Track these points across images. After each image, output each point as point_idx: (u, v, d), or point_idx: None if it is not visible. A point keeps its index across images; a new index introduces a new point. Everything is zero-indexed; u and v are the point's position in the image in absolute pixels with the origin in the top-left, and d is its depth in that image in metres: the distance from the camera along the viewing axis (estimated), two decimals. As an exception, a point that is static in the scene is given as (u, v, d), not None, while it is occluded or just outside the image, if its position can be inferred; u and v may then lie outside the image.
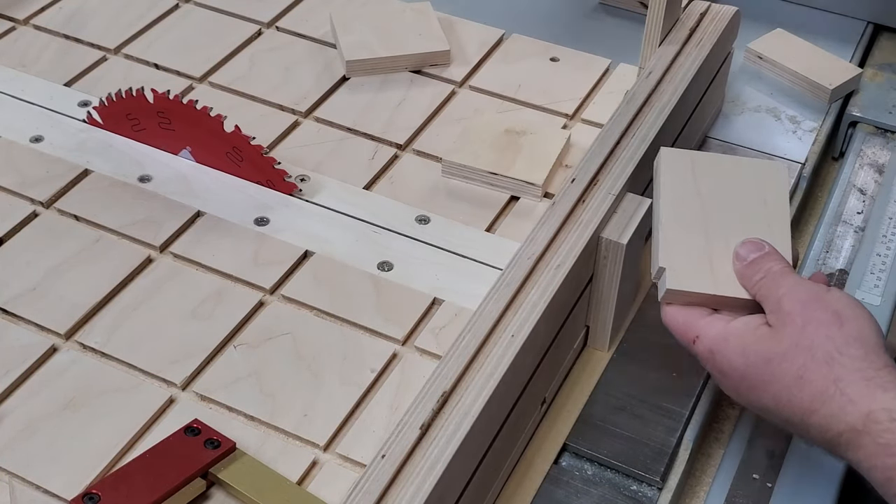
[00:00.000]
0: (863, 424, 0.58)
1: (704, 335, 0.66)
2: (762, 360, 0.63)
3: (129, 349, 0.74)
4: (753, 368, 0.63)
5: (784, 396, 0.61)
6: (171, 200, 0.84)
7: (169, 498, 0.64)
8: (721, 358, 0.65)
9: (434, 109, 0.95)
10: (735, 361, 0.64)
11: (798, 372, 0.61)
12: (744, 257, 0.67)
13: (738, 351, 0.64)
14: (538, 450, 0.72)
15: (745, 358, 0.64)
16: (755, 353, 0.63)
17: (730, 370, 0.65)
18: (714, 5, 0.93)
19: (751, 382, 0.63)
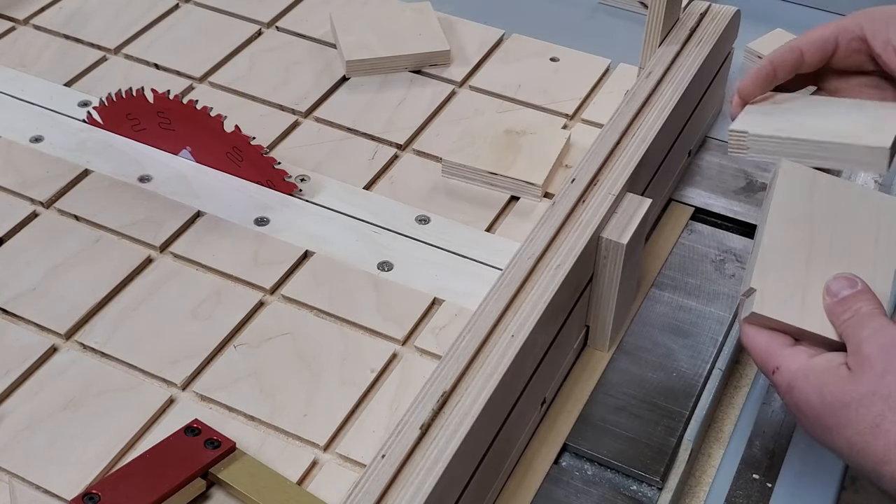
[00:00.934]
0: None
1: (786, 368, 0.63)
2: (839, 402, 0.60)
3: (129, 349, 0.74)
4: (829, 410, 0.60)
5: (858, 443, 0.59)
6: (171, 200, 0.84)
7: (169, 498, 0.64)
8: (799, 394, 0.62)
9: (434, 109, 0.95)
10: (812, 400, 0.61)
11: (875, 420, 0.59)
12: (835, 293, 0.64)
13: (817, 389, 0.61)
14: (538, 450, 0.72)
15: (821, 398, 0.61)
16: (832, 394, 0.60)
17: (806, 408, 0.62)
18: (714, 5, 0.93)
19: (825, 424, 0.61)
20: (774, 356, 0.64)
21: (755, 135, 0.71)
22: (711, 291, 0.83)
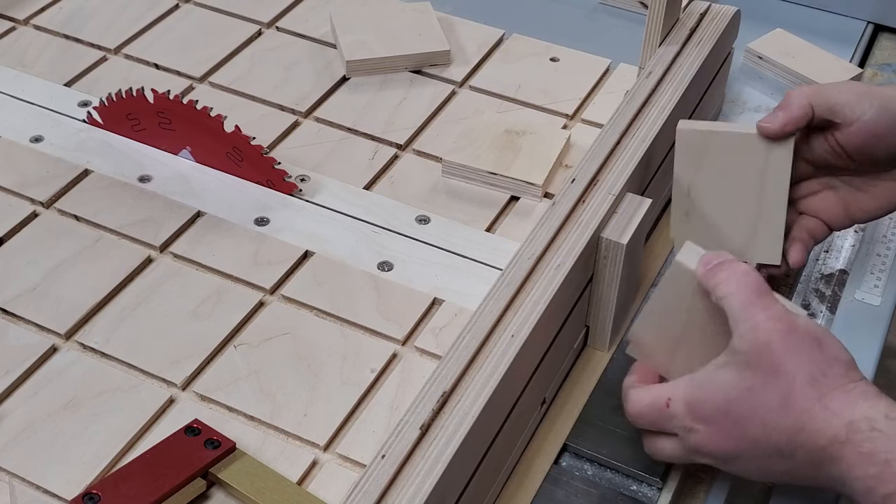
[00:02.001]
0: (845, 435, 0.59)
1: (675, 394, 0.65)
2: (745, 390, 0.62)
3: (129, 349, 0.74)
4: (736, 401, 0.62)
5: (770, 421, 0.61)
6: (171, 200, 0.84)
7: (169, 498, 0.64)
8: (700, 405, 0.63)
9: (434, 109, 0.95)
10: (716, 401, 0.63)
11: (782, 396, 0.61)
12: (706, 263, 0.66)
13: (717, 390, 0.63)
14: (538, 450, 0.72)
15: (725, 394, 0.62)
16: (735, 386, 0.62)
17: (713, 413, 0.63)
18: (714, 5, 0.93)
19: (736, 416, 0.62)
20: (660, 395, 0.66)
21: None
22: (711, 291, 0.82)
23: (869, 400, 0.60)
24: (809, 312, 0.83)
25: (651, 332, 0.70)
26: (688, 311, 0.68)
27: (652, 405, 0.66)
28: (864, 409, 0.59)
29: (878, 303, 0.83)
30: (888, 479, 0.57)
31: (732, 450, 0.63)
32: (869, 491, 0.58)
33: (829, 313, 0.83)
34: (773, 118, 0.74)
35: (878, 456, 0.57)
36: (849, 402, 0.60)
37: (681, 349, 0.68)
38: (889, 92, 0.75)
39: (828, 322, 0.82)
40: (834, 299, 0.84)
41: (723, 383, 0.63)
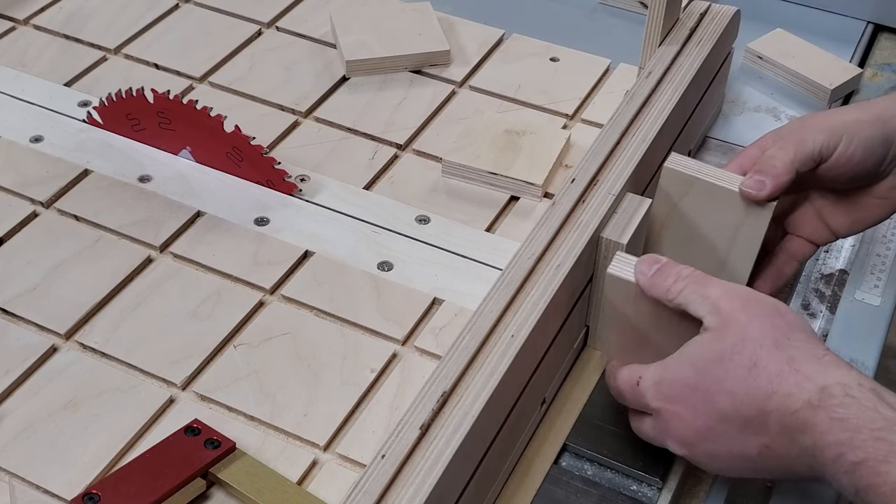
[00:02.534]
0: (818, 399, 0.58)
1: (645, 373, 0.65)
2: (712, 361, 0.62)
3: (129, 349, 0.74)
4: (704, 373, 0.62)
5: (740, 389, 0.61)
6: (171, 200, 0.84)
7: (169, 498, 0.64)
8: (667, 384, 0.64)
9: (434, 109, 0.95)
10: (684, 376, 0.63)
11: (750, 361, 0.61)
12: (645, 272, 0.67)
13: (685, 365, 0.63)
14: (538, 450, 0.72)
15: (693, 367, 0.63)
16: (702, 357, 0.62)
17: (681, 389, 0.63)
18: (714, 5, 0.93)
19: (705, 390, 0.62)
20: (633, 372, 0.66)
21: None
22: (711, 291, 0.82)
23: (841, 368, 0.59)
24: (809, 312, 0.83)
25: (613, 335, 0.72)
26: (635, 316, 0.70)
27: (626, 382, 0.67)
28: (836, 375, 0.59)
29: (878, 303, 0.83)
30: (858, 445, 0.56)
31: (701, 428, 0.63)
32: (839, 458, 0.57)
33: (829, 313, 0.83)
34: (758, 185, 0.72)
35: (851, 422, 0.57)
36: (821, 369, 0.59)
37: (645, 348, 0.69)
38: (856, 118, 0.74)
39: (828, 322, 0.82)
40: (834, 299, 0.84)
41: (690, 358, 0.63)
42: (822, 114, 0.77)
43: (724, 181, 0.74)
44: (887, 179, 0.77)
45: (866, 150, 0.74)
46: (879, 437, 0.56)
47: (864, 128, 0.74)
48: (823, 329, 0.82)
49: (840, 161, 0.74)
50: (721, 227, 0.76)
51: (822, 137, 0.73)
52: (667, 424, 0.64)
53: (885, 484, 0.55)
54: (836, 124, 0.74)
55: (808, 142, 0.73)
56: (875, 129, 0.74)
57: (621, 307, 0.70)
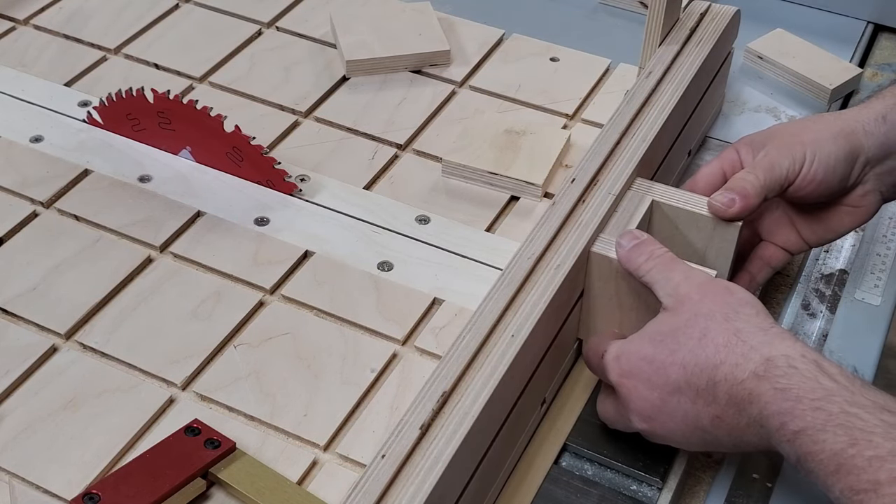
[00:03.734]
0: (763, 370, 0.60)
1: (609, 348, 0.68)
2: (667, 334, 0.64)
3: (129, 349, 0.74)
4: (660, 346, 0.64)
5: (690, 360, 0.63)
6: (171, 200, 0.84)
7: (169, 498, 0.64)
8: (626, 356, 0.66)
9: (434, 109, 0.95)
10: (642, 350, 0.65)
11: (700, 332, 0.63)
12: (624, 245, 0.70)
13: (644, 340, 0.66)
14: (538, 450, 0.72)
15: (651, 342, 0.65)
16: (658, 332, 0.65)
17: (638, 362, 0.65)
18: (714, 5, 0.93)
19: (660, 363, 0.64)
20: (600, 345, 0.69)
21: None
22: (711, 291, 0.82)
23: (786, 341, 0.61)
24: (809, 312, 0.83)
25: (597, 319, 0.74)
26: (617, 295, 0.73)
27: (593, 353, 0.70)
28: (781, 347, 0.61)
29: (878, 303, 0.83)
30: (798, 415, 0.58)
31: (657, 401, 0.64)
32: (782, 427, 0.58)
33: (829, 313, 0.83)
34: (728, 202, 0.73)
35: (792, 392, 0.58)
36: (766, 341, 0.61)
37: (627, 330, 0.71)
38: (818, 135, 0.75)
39: (828, 322, 0.82)
40: (834, 299, 0.84)
41: (647, 333, 0.66)
42: (792, 129, 0.78)
43: (694, 203, 0.76)
44: (858, 188, 0.78)
45: (827, 169, 0.75)
46: (818, 408, 0.57)
47: (825, 146, 0.75)
48: (823, 329, 0.82)
49: (803, 183, 0.76)
50: (691, 246, 0.77)
51: (787, 162, 0.75)
52: (626, 399, 0.66)
53: (823, 452, 0.57)
54: (801, 143, 0.75)
55: (776, 167, 0.75)
56: (837, 145, 0.75)
57: (605, 287, 0.73)
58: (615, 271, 0.72)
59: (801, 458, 0.58)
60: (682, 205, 0.76)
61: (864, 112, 0.77)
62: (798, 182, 0.75)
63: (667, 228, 0.77)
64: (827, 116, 0.78)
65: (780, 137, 0.77)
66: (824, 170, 0.75)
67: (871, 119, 0.77)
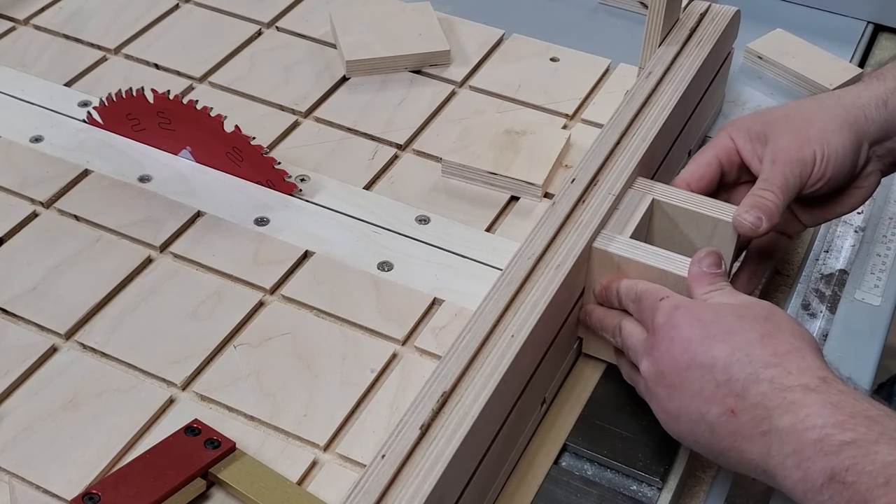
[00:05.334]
0: (816, 385, 0.59)
1: (673, 296, 0.67)
2: (731, 315, 0.63)
3: (129, 349, 0.74)
4: (719, 321, 0.63)
5: (743, 348, 0.61)
6: (171, 200, 0.84)
7: (169, 498, 0.64)
8: (686, 311, 0.64)
9: (434, 109, 0.95)
10: (704, 314, 0.64)
11: (765, 332, 0.62)
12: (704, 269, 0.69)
13: (708, 308, 0.64)
14: (538, 450, 0.72)
15: (714, 313, 0.64)
16: (726, 307, 0.64)
17: (690, 322, 0.63)
18: (714, 5, 0.93)
19: (710, 335, 0.62)
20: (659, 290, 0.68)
21: None
22: (711, 291, 0.82)
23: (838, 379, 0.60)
24: (809, 312, 0.83)
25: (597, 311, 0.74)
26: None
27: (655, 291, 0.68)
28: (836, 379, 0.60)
29: (878, 303, 0.83)
30: (850, 427, 0.56)
31: (682, 362, 0.63)
32: (821, 440, 0.56)
33: (829, 313, 0.83)
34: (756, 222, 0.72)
35: (845, 408, 0.57)
36: (824, 366, 0.61)
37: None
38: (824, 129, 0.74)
39: (828, 322, 0.82)
40: (834, 299, 0.84)
41: (714, 306, 0.65)
42: (794, 121, 0.76)
43: (699, 204, 0.76)
44: (861, 171, 0.77)
45: (836, 164, 0.75)
46: (873, 421, 0.56)
47: (832, 140, 0.74)
48: (823, 329, 0.82)
49: (814, 181, 0.75)
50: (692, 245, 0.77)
51: (799, 170, 0.74)
52: (655, 343, 0.65)
53: (873, 463, 0.55)
54: (808, 141, 0.74)
55: (790, 179, 0.74)
56: (843, 136, 0.75)
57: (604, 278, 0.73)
58: (617, 267, 0.72)
59: (839, 473, 0.55)
60: (683, 204, 0.76)
61: (864, 95, 0.77)
62: (809, 182, 0.75)
63: (667, 227, 0.77)
64: (827, 102, 0.77)
65: (782, 132, 0.75)
66: (834, 165, 0.74)
67: (872, 104, 0.76)
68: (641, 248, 0.72)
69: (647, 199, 0.76)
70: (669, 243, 0.77)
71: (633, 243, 0.72)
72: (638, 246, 0.72)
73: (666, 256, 0.71)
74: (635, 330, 0.69)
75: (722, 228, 0.75)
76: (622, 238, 0.73)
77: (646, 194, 0.76)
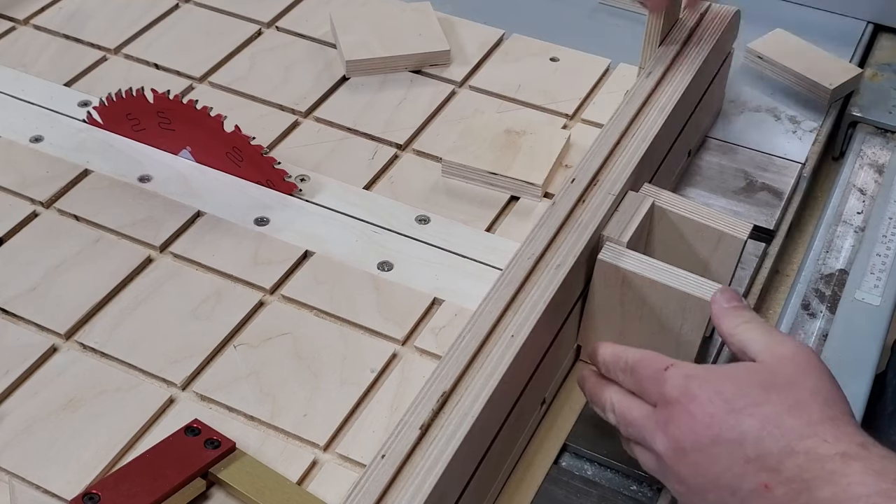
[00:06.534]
0: (856, 452, 0.56)
1: (678, 364, 0.62)
2: (756, 385, 0.59)
3: (129, 349, 0.74)
4: (745, 392, 0.59)
5: (773, 420, 0.58)
6: (171, 200, 0.84)
7: (169, 498, 0.64)
8: (702, 381, 0.60)
9: (434, 109, 0.95)
10: (723, 386, 0.60)
11: (795, 401, 0.58)
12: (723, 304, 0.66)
13: (726, 378, 0.60)
14: (538, 450, 0.72)
15: (735, 383, 0.60)
16: (746, 379, 0.60)
17: (711, 394, 0.59)
18: (714, 5, 0.93)
19: (737, 407, 0.59)
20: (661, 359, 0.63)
21: None
22: (711, 291, 0.82)
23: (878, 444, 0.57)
24: (809, 312, 0.83)
25: (597, 332, 0.74)
26: (621, 303, 0.72)
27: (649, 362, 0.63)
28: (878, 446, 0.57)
29: (878, 303, 0.83)
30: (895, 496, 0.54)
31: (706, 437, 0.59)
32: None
33: (829, 313, 0.83)
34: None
35: (889, 475, 0.54)
36: (859, 432, 0.58)
37: (626, 343, 0.70)
38: None
39: (828, 322, 0.82)
40: (834, 299, 0.84)
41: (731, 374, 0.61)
42: None
43: (698, 215, 0.76)
44: None
45: None
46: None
47: None
48: (823, 329, 0.82)
49: None
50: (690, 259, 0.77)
51: None
52: (670, 417, 0.60)
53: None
54: None
55: None
56: None
57: (609, 295, 0.72)
58: (621, 279, 0.71)
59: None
60: (689, 214, 0.76)
61: None
62: None
63: (671, 237, 0.77)
64: None
65: None
66: None
67: None
68: (647, 263, 0.71)
69: (647, 202, 0.76)
70: (672, 253, 0.77)
71: (640, 257, 0.72)
72: (644, 260, 0.72)
73: (672, 272, 0.71)
74: (632, 404, 0.64)
75: (726, 241, 0.75)
76: (631, 253, 0.72)
77: (646, 197, 0.76)
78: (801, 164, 0.94)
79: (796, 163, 0.94)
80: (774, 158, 0.95)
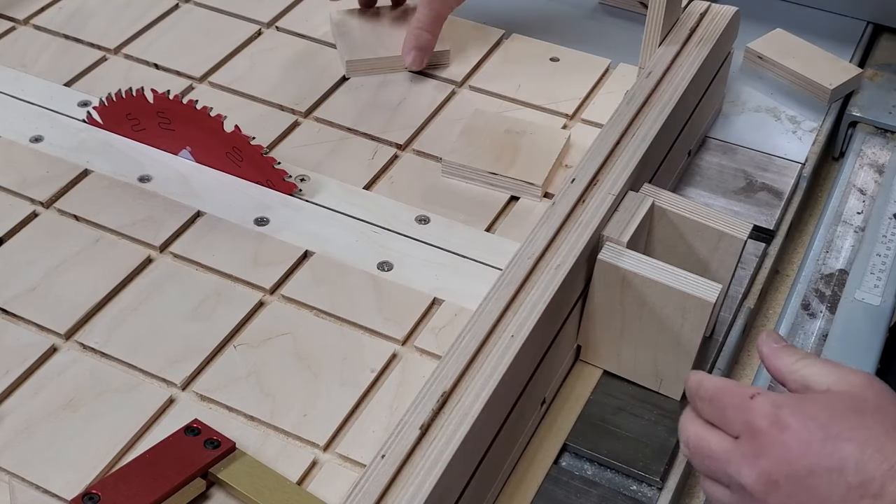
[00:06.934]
0: None
1: (766, 393, 0.60)
2: (850, 411, 0.57)
3: (129, 349, 0.74)
4: (840, 418, 0.57)
5: (874, 444, 0.56)
6: (171, 200, 0.84)
7: (169, 498, 0.64)
8: (795, 409, 0.58)
9: (434, 109, 0.95)
10: (817, 413, 0.57)
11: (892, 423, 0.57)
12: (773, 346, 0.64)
13: (817, 405, 0.58)
14: (538, 450, 0.72)
15: (827, 410, 0.57)
16: (838, 405, 0.58)
17: (804, 422, 0.57)
18: (714, 5, 0.93)
19: (832, 431, 0.56)
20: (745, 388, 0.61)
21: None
22: (711, 291, 0.82)
23: None
24: (809, 312, 0.83)
25: (597, 332, 0.74)
26: (622, 303, 0.72)
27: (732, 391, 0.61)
28: None
29: (878, 303, 0.83)
30: None
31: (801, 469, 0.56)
32: None
33: (829, 313, 0.83)
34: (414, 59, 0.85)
35: None
36: None
37: (626, 343, 0.71)
38: None
39: (828, 322, 0.82)
40: (834, 299, 0.84)
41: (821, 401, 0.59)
42: None
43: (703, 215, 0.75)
44: None
45: None
46: None
47: None
48: (823, 329, 0.82)
49: None
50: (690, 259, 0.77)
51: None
52: (761, 449, 0.58)
53: None
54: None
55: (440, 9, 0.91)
56: None
57: (610, 295, 0.72)
58: (621, 279, 0.71)
59: None
60: (689, 214, 0.76)
61: None
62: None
63: (671, 237, 0.77)
64: None
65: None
66: None
67: None
68: (647, 263, 0.71)
69: (647, 201, 0.76)
70: (672, 253, 0.77)
71: (640, 257, 0.72)
72: (644, 260, 0.72)
73: (672, 272, 0.71)
74: (710, 436, 0.61)
75: (726, 241, 0.75)
76: (631, 253, 0.72)
77: (646, 197, 0.76)
78: (801, 164, 0.94)
79: (796, 163, 0.94)
80: (774, 158, 0.95)
